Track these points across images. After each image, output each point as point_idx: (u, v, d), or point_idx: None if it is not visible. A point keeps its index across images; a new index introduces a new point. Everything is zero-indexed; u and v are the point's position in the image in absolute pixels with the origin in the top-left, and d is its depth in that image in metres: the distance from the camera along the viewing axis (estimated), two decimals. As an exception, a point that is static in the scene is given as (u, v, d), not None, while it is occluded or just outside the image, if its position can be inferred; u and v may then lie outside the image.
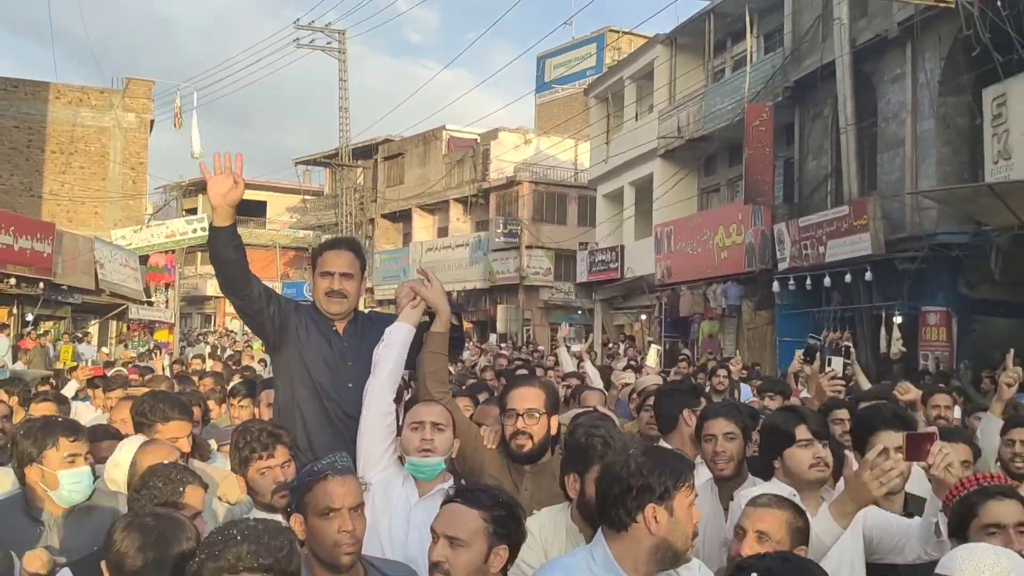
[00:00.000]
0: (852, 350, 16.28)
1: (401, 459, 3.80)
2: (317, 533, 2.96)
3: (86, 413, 7.56)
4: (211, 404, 6.99)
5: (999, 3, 14.38)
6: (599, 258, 31.10)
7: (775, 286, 20.50)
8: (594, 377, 8.31)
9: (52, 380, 12.00)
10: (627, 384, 8.11)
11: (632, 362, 16.13)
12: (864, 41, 17.91)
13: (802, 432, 3.82)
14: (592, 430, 3.46)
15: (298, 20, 45.58)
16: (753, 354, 21.26)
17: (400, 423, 3.91)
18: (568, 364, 8.99)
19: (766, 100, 21.33)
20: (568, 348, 11.13)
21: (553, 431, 3.97)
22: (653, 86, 28.17)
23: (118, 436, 4.61)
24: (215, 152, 4.11)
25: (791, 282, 19.72)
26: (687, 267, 24.69)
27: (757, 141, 21.00)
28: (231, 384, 8.05)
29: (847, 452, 3.81)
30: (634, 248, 29.17)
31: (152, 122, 32.37)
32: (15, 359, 19.25)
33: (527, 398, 3.96)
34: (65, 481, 3.70)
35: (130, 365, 13.78)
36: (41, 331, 23.99)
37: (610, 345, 27.44)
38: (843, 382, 6.67)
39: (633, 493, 2.71)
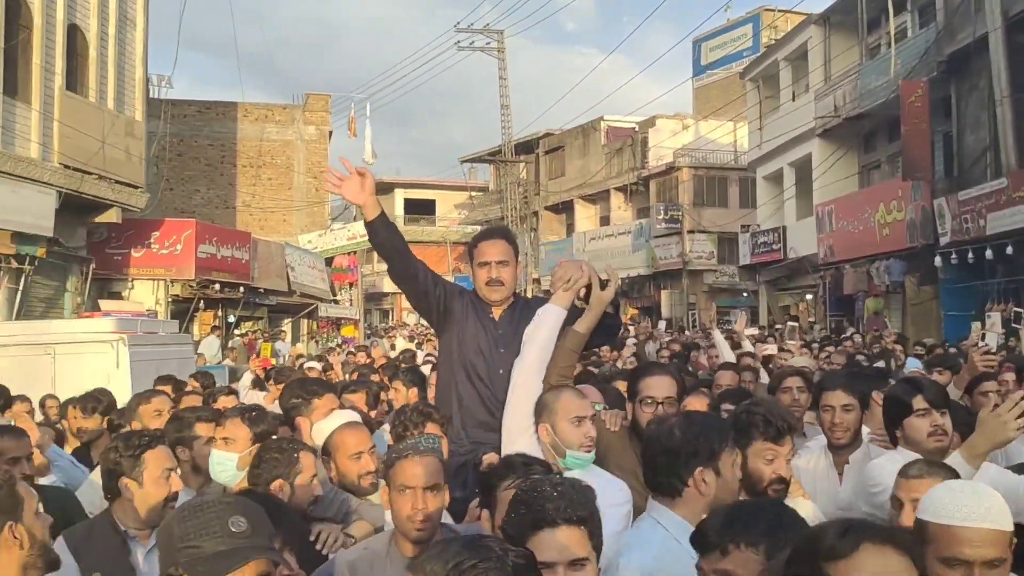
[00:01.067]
0: (1023, 315, 16.46)
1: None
2: (394, 506, 3.13)
3: (257, 401, 7.71)
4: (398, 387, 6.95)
5: None
6: (761, 240, 31.43)
7: (937, 261, 20.59)
8: (723, 348, 8.51)
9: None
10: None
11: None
12: (1017, 12, 17.89)
13: (919, 402, 3.86)
14: (752, 407, 3.54)
15: (458, 23, 47.34)
16: (919, 329, 21.35)
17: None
18: (726, 351, 8.56)
19: (921, 75, 21.36)
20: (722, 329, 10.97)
21: None
22: (808, 66, 28.34)
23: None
24: (328, 170, 4.63)
25: (953, 256, 19.81)
26: (849, 245, 24.87)
27: (913, 117, 21.10)
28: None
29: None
30: (796, 228, 29.40)
31: (331, 133, 34.75)
32: (223, 357, 21.42)
33: (664, 387, 4.11)
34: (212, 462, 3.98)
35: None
36: (242, 331, 26.39)
37: (776, 326, 27.82)
38: (995, 358, 6.52)
39: (681, 459, 2.82)
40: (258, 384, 9.72)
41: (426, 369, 8.95)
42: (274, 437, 3.90)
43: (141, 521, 3.52)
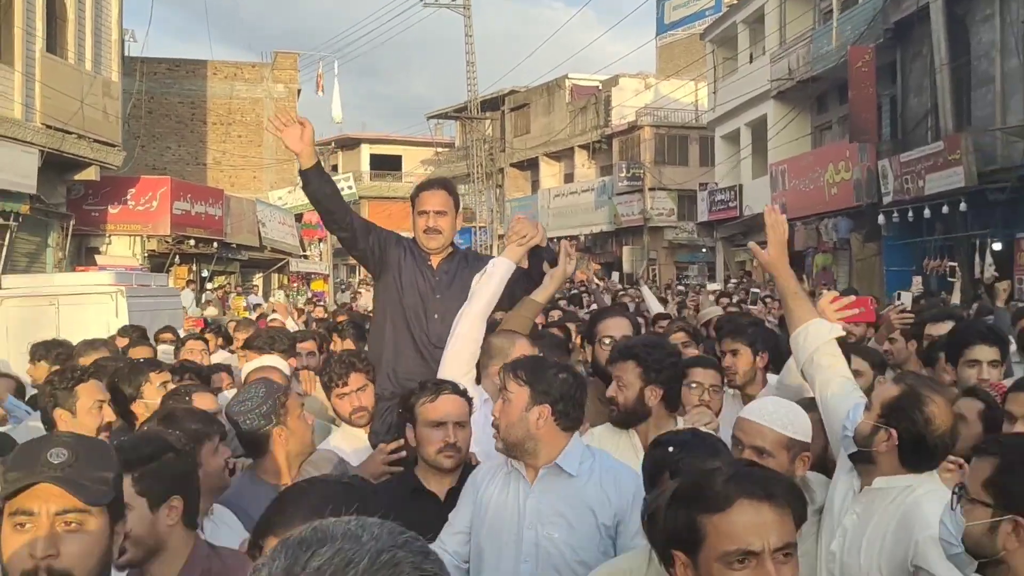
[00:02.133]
0: (957, 270, 17.70)
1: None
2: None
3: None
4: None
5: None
6: (719, 198, 32.55)
7: (880, 219, 21.76)
8: (650, 300, 9.50)
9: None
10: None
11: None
12: (955, -17, 18.91)
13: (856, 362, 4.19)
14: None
15: (424, -21, 47.60)
16: (862, 283, 22.57)
17: None
18: (654, 304, 9.56)
19: (868, 42, 22.38)
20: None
21: None
22: (765, 29, 29.30)
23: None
24: (270, 118, 4.60)
25: (895, 215, 20.98)
26: (801, 203, 25.98)
27: (860, 82, 22.13)
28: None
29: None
30: (752, 186, 30.52)
31: (299, 91, 35.36)
32: (201, 310, 22.26)
33: (620, 327, 4.56)
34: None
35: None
36: (215, 285, 27.20)
37: (732, 281, 29.01)
38: (911, 315, 6.82)
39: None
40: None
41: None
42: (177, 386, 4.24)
43: None
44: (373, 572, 1.09)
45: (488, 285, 4.16)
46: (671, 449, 2.64)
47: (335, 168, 59.66)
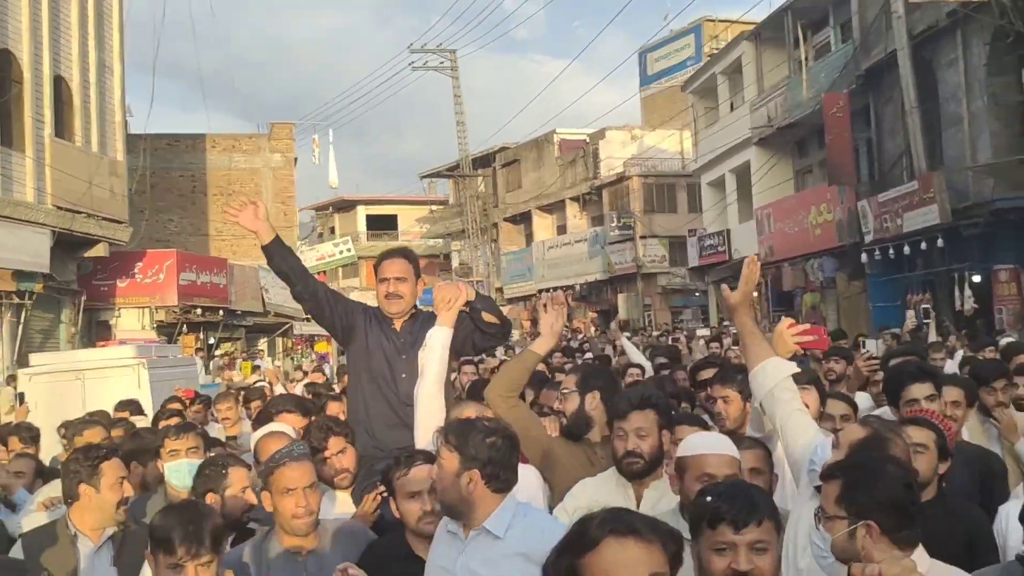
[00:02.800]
0: (931, 310, 18.48)
1: None
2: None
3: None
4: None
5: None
6: (708, 243, 33.35)
7: (864, 257, 22.49)
8: (632, 352, 9.59)
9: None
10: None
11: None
12: (920, 31, 19.85)
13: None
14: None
15: (411, 45, 48.88)
16: (849, 320, 23.31)
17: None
18: (634, 353, 9.60)
19: (842, 88, 23.31)
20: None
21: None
22: (743, 79, 30.32)
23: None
24: (241, 199, 4.93)
25: (877, 253, 21.74)
26: (787, 245, 26.78)
27: (836, 127, 23.02)
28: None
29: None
30: (739, 231, 31.33)
31: (295, 159, 36.33)
32: (213, 378, 22.92)
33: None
34: (168, 472, 4.70)
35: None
36: (222, 352, 27.86)
37: (724, 323, 29.73)
38: (877, 362, 6.96)
39: None
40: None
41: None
42: (210, 454, 4.58)
43: (96, 522, 3.97)
44: None
45: (432, 356, 4.27)
46: (708, 499, 2.64)
47: (332, 231, 60.71)
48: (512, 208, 50.00)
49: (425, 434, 4.02)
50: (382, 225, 60.92)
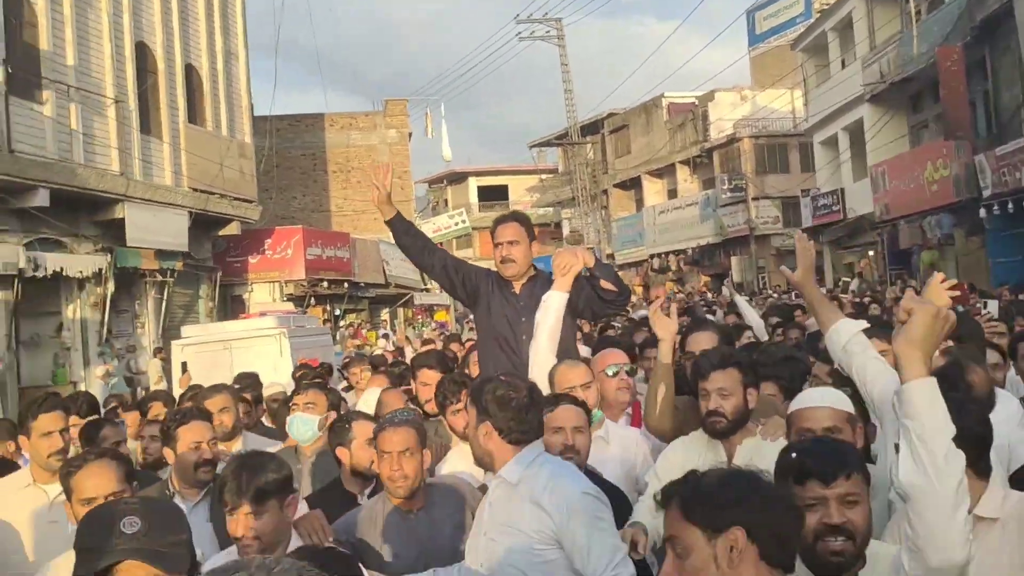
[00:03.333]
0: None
1: None
2: (379, 469, 3.70)
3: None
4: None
5: None
6: (821, 203, 33.07)
7: (982, 213, 22.18)
8: (747, 312, 9.30)
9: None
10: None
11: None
12: (1037, -21, 19.43)
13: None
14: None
15: (518, 15, 49.32)
16: (969, 276, 22.95)
17: None
18: (749, 312, 9.32)
19: (956, 41, 22.90)
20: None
21: None
22: (854, 35, 29.89)
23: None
24: (378, 166, 5.16)
25: (995, 207, 21.42)
26: (903, 202, 26.46)
27: (951, 81, 22.68)
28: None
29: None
30: (853, 189, 30.99)
31: (410, 134, 37.40)
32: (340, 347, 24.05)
33: (709, 341, 4.73)
34: (292, 425, 5.00)
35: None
36: (347, 322, 29.09)
37: (840, 282, 29.58)
38: (1001, 325, 6.68)
39: None
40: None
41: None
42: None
43: (186, 482, 4.13)
44: None
45: (547, 317, 4.52)
46: (793, 455, 2.60)
47: (446, 203, 61.87)
48: (622, 174, 50.16)
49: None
50: (493, 195, 61.71)
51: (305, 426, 4.88)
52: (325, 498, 3.99)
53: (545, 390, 4.12)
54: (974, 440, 2.73)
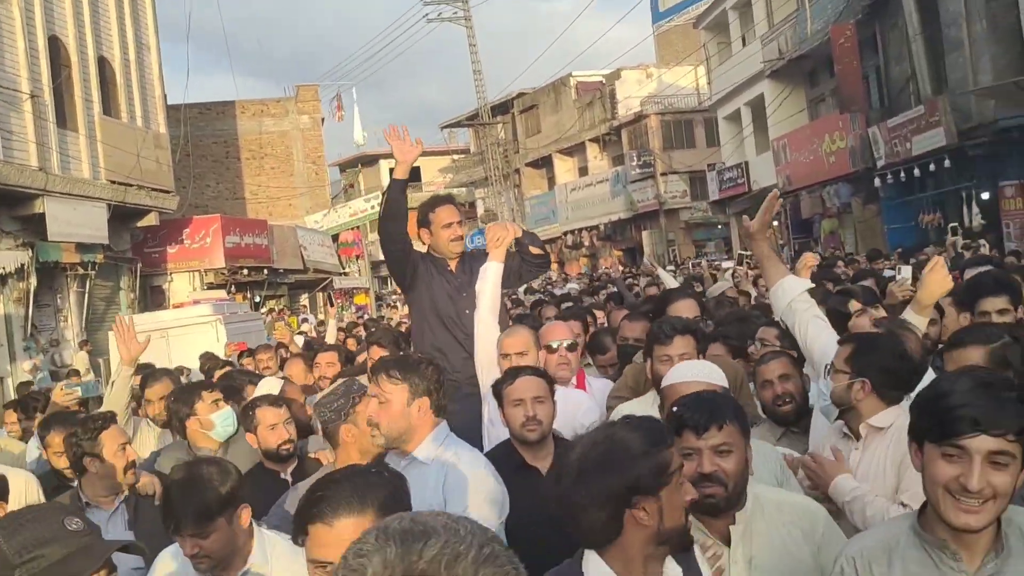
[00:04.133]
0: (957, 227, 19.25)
1: None
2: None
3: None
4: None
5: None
6: (727, 176, 34.27)
7: (876, 182, 23.45)
8: (669, 282, 9.83)
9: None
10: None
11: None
12: (920, -41, 20.58)
13: (854, 305, 4.88)
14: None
15: (423, -5, 49.41)
16: (866, 242, 24.29)
17: None
18: (670, 282, 9.79)
19: (848, 18, 24.06)
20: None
21: None
22: (753, 14, 31.02)
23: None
24: (389, 125, 4.92)
25: (888, 177, 22.68)
26: (803, 174, 27.69)
27: (845, 56, 23.83)
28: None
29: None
30: (757, 162, 32.22)
31: (323, 119, 37.48)
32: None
33: (690, 308, 5.17)
34: (217, 421, 4.80)
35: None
36: (267, 308, 29.25)
37: (747, 253, 30.76)
38: (912, 289, 6.98)
39: None
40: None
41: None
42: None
43: (106, 490, 3.99)
44: (480, 563, 1.22)
45: (485, 288, 4.75)
46: (674, 409, 2.80)
47: (354, 187, 61.83)
48: (533, 153, 50.90)
49: (484, 356, 4.57)
50: (406, 177, 61.70)
51: (228, 422, 4.83)
52: (255, 480, 4.04)
53: (493, 360, 4.49)
54: (883, 370, 3.28)
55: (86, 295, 20.86)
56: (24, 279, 18.59)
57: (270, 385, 5.34)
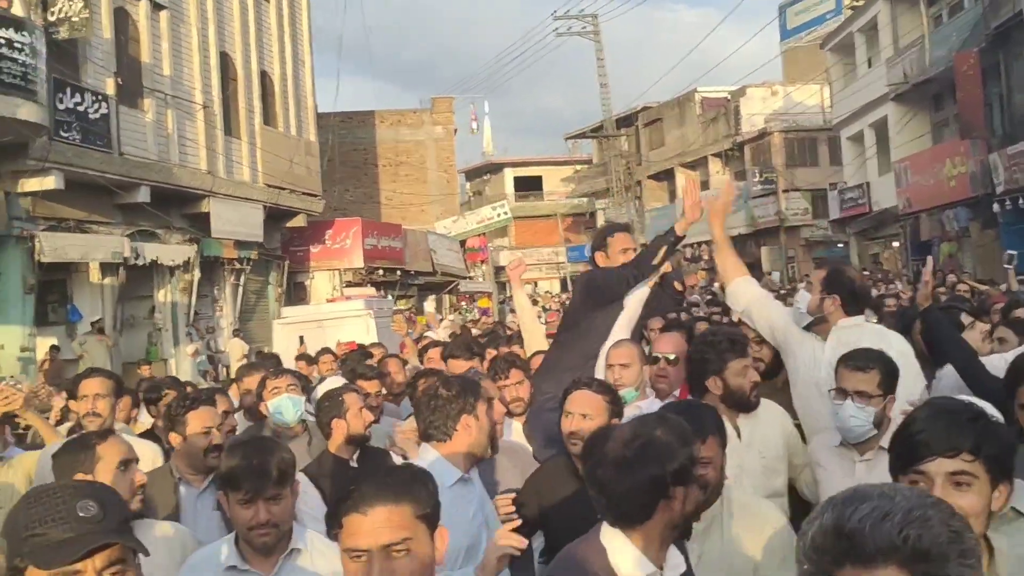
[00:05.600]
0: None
1: None
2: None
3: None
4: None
5: None
6: (848, 196, 34.68)
7: (996, 207, 23.80)
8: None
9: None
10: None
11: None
12: (1046, -8, 21.00)
13: (965, 318, 5.47)
14: (711, 335, 4.33)
15: (554, 12, 51.03)
16: (984, 266, 24.62)
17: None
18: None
19: (972, 47, 24.48)
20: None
21: None
22: (879, 37, 31.46)
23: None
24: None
25: (1007, 203, 23.04)
26: (924, 196, 28.07)
27: (967, 84, 24.28)
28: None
29: None
30: (878, 183, 32.59)
31: (455, 130, 39.40)
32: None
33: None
34: (271, 407, 5.04)
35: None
36: (399, 307, 31.09)
37: (865, 271, 31.20)
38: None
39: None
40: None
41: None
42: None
43: (194, 468, 4.06)
44: (906, 524, 1.28)
45: (629, 302, 5.07)
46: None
47: (481, 194, 63.75)
48: (655, 166, 51.78)
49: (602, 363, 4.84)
50: (528, 186, 63.17)
51: (296, 407, 5.03)
52: (322, 467, 4.24)
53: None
54: (848, 290, 4.29)
55: (240, 288, 22.92)
56: (189, 271, 20.67)
57: (332, 383, 5.29)
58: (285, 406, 4.99)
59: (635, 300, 5.00)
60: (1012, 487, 2.22)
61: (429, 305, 34.19)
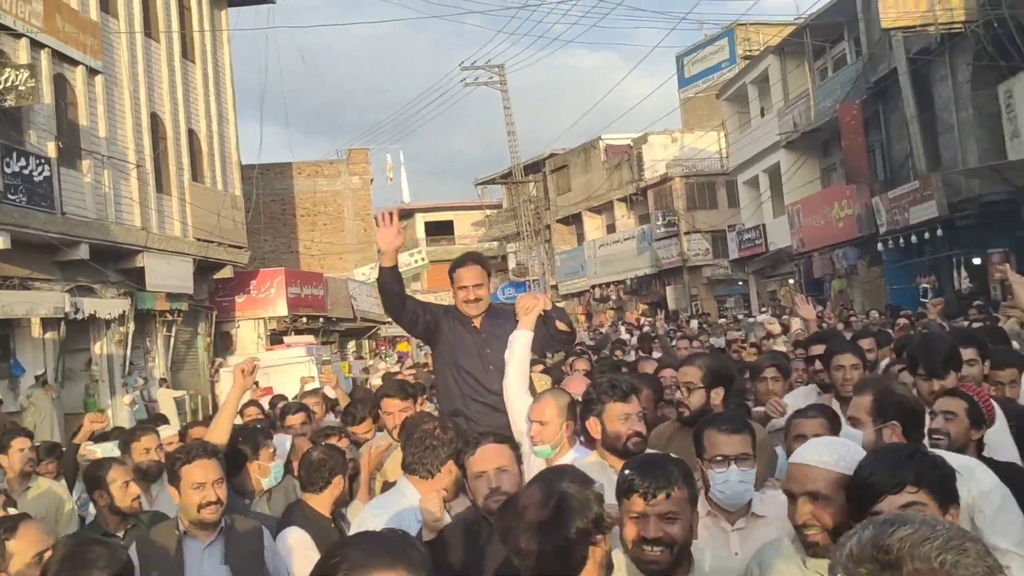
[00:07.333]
0: (928, 290, 21.75)
1: None
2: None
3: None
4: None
5: (995, 24, 19.70)
6: (746, 236, 36.80)
7: (879, 246, 25.92)
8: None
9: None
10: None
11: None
12: (916, 51, 23.19)
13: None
14: (599, 378, 4.51)
15: (462, 63, 52.67)
16: (871, 301, 26.65)
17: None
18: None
19: (855, 99, 26.71)
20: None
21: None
22: (770, 89, 33.75)
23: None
24: (378, 210, 5.59)
25: (890, 242, 25.15)
26: (815, 237, 30.20)
27: (851, 133, 26.47)
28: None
29: None
30: (773, 225, 34.75)
31: (371, 180, 40.48)
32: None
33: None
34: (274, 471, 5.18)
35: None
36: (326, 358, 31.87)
37: (762, 308, 33.18)
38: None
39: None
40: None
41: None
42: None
43: (190, 523, 4.02)
44: (945, 549, 1.32)
45: (514, 356, 4.85)
46: (626, 472, 2.75)
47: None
48: (563, 210, 53.64)
49: (518, 425, 4.53)
50: (439, 231, 64.40)
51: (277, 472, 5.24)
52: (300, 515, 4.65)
53: (522, 419, 4.45)
54: (909, 415, 3.65)
55: (172, 339, 23.56)
56: (124, 324, 21.29)
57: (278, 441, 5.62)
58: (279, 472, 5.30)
59: (518, 353, 4.89)
60: (960, 510, 2.47)
61: (350, 350, 35.08)
